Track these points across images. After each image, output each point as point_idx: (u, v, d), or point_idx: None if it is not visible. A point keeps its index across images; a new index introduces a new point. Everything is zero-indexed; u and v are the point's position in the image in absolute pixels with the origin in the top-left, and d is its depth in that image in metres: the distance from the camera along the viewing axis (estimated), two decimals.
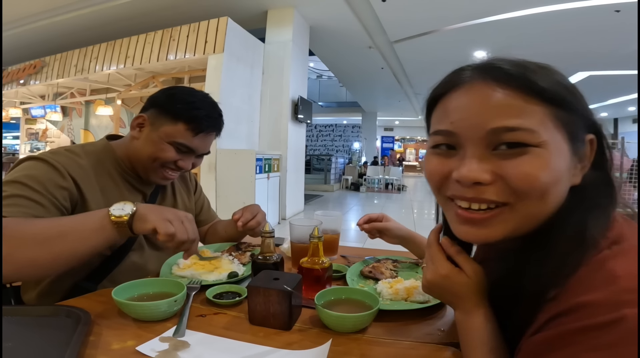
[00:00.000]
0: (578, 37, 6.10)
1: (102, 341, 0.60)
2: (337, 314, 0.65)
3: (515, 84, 0.43)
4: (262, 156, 5.00)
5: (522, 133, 0.42)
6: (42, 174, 0.83)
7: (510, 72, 0.44)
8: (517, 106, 0.43)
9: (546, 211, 0.45)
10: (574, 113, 0.44)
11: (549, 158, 0.42)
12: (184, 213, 0.79)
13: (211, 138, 1.02)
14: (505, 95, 0.43)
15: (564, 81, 0.46)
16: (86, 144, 1.00)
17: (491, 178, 0.44)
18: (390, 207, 8.15)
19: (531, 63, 0.46)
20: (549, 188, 0.43)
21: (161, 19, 5.74)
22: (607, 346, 0.35)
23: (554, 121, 0.43)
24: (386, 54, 7.84)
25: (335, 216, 1.10)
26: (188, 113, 0.95)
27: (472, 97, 0.45)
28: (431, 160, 0.50)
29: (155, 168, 0.98)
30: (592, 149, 0.47)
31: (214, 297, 0.77)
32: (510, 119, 0.42)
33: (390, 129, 23.09)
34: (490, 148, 0.44)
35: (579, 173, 0.47)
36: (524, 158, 0.42)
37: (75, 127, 8.18)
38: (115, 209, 0.73)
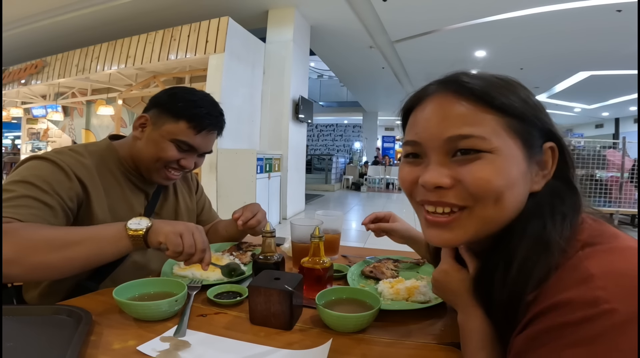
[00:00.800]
0: (579, 37, 6.09)
1: (103, 341, 0.60)
2: (338, 314, 0.65)
3: (470, 96, 0.47)
4: (263, 155, 5.01)
5: (475, 140, 0.46)
6: (49, 174, 0.83)
7: (467, 85, 0.48)
8: (470, 115, 0.47)
9: (504, 216, 0.48)
10: (527, 122, 0.47)
11: (501, 163, 0.46)
12: (194, 225, 0.82)
13: (213, 136, 1.02)
14: (460, 106, 0.47)
15: (522, 94, 0.49)
16: (89, 144, 1.00)
17: (450, 182, 0.47)
18: (391, 207, 8.15)
19: (495, 77, 0.50)
20: (503, 191, 0.46)
21: (162, 18, 5.75)
22: (586, 341, 0.36)
23: (507, 130, 0.46)
24: (387, 53, 7.83)
25: (336, 216, 1.10)
26: (189, 111, 0.95)
27: (433, 108, 0.50)
28: (403, 168, 0.54)
29: (158, 168, 0.98)
30: (554, 157, 0.49)
31: (214, 297, 0.77)
32: (464, 128, 0.46)
33: (391, 129, 23.05)
34: (449, 155, 0.48)
35: (540, 180, 0.50)
36: (477, 163, 0.46)
37: (77, 127, 8.18)
38: (133, 223, 0.77)
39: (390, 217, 1.03)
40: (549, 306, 0.40)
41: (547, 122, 0.49)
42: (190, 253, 0.78)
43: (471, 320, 0.54)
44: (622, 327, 0.35)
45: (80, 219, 0.89)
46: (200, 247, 0.79)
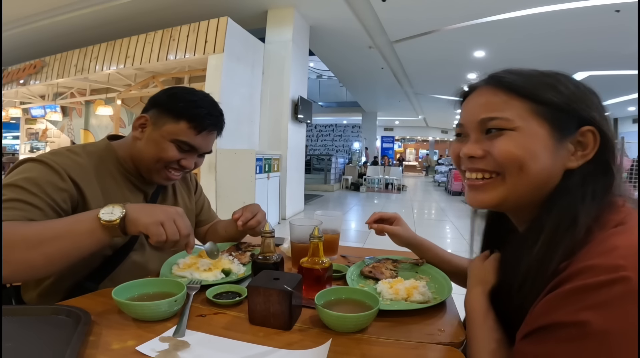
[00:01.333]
0: (578, 37, 6.10)
1: (102, 341, 0.60)
2: (338, 314, 0.65)
3: (502, 87, 0.58)
4: (262, 156, 5.01)
5: (500, 121, 0.57)
6: (40, 176, 0.83)
7: (501, 77, 0.59)
8: (499, 102, 0.58)
9: (531, 182, 0.56)
10: (555, 108, 0.55)
11: (522, 139, 0.55)
12: (174, 210, 0.79)
13: (213, 136, 1.02)
14: (493, 95, 0.59)
15: (555, 82, 0.57)
16: (87, 144, 1.00)
17: (482, 153, 0.59)
18: (391, 207, 8.16)
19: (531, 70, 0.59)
20: (524, 160, 0.55)
21: (161, 18, 5.74)
22: (604, 304, 0.40)
23: (532, 113, 0.56)
24: (386, 54, 7.84)
25: (335, 216, 1.10)
26: (190, 111, 0.95)
27: (474, 98, 0.62)
28: (452, 145, 0.68)
29: (158, 169, 0.98)
30: (595, 140, 0.55)
31: (214, 297, 0.77)
32: (493, 112, 0.58)
33: (391, 129, 23.09)
34: (482, 133, 0.60)
35: (578, 159, 0.56)
36: (501, 138, 0.57)
37: (75, 127, 8.18)
38: (105, 213, 0.73)
39: (395, 220, 1.03)
40: (571, 273, 0.45)
41: (583, 109, 0.55)
42: (174, 240, 0.75)
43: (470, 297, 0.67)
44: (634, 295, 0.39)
45: None
46: (184, 232, 0.77)
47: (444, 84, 10.21)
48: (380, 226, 1.01)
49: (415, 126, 22.26)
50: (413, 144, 27.23)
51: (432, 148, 24.64)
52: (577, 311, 0.41)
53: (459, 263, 0.99)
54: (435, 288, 0.85)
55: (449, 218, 6.72)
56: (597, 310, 0.40)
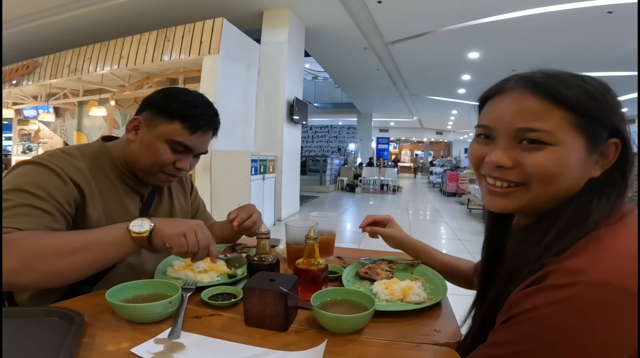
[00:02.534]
0: (571, 38, 6.16)
1: (96, 343, 0.59)
2: (333, 315, 0.65)
3: (543, 93, 0.53)
4: (257, 157, 5.00)
5: (541, 134, 0.53)
6: (44, 180, 0.82)
7: (541, 82, 0.54)
8: (540, 111, 0.53)
9: (556, 193, 0.55)
10: (593, 120, 0.53)
11: (561, 154, 0.53)
12: (195, 222, 0.82)
13: (208, 137, 1.01)
14: (533, 101, 0.54)
15: (595, 91, 0.53)
16: (82, 146, 0.99)
17: (512, 163, 0.56)
18: (386, 208, 8.17)
19: (569, 75, 0.55)
20: (558, 176, 0.53)
21: (156, 19, 5.72)
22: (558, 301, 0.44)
23: (572, 126, 0.52)
24: (381, 55, 7.87)
25: (330, 217, 1.10)
26: (184, 111, 0.94)
27: (509, 101, 0.57)
28: (473, 145, 0.64)
29: (154, 172, 0.97)
30: (617, 151, 0.55)
31: (209, 298, 0.76)
32: (534, 122, 0.53)
33: (386, 131, 23.16)
34: (515, 141, 0.56)
35: (599, 169, 0.55)
36: (540, 153, 0.53)
37: (68, 128, 8.11)
38: (135, 226, 0.77)
39: (388, 222, 1.04)
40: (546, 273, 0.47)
41: (615, 121, 0.54)
42: (194, 251, 0.79)
43: None
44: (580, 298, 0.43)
45: (75, 222, 0.88)
46: (203, 244, 0.80)
47: (439, 85, 10.27)
48: (372, 229, 1.03)
49: (410, 127, 22.35)
50: (408, 146, 27.33)
51: (427, 149, 24.73)
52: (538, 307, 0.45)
53: (454, 263, 1.00)
54: (431, 289, 0.86)
55: (444, 219, 6.75)
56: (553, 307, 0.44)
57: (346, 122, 18.98)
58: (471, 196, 7.08)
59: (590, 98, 0.53)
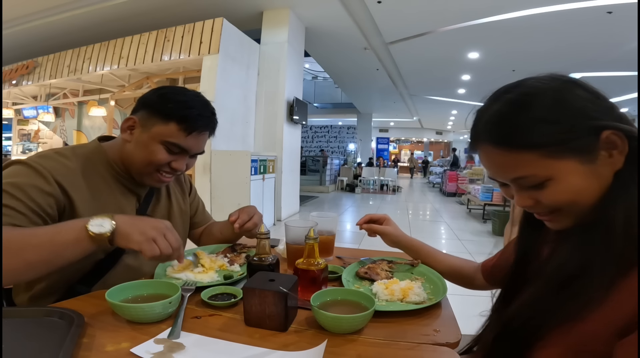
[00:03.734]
0: (571, 38, 6.16)
1: (95, 343, 0.59)
2: (333, 315, 0.65)
3: (501, 145, 0.55)
4: (257, 157, 5.00)
5: (530, 178, 0.55)
6: (25, 180, 0.81)
7: (495, 136, 0.56)
8: (513, 162, 0.55)
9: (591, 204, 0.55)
10: (564, 141, 0.53)
11: (561, 185, 0.54)
12: (163, 225, 0.79)
13: (205, 137, 1.00)
14: (500, 157, 0.56)
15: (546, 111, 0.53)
16: (77, 146, 0.98)
17: (533, 203, 0.58)
18: (385, 208, 8.17)
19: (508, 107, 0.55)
20: (574, 199, 0.54)
21: (156, 19, 5.72)
22: None
23: (549, 157, 0.53)
24: (381, 55, 7.87)
25: (330, 217, 1.10)
26: (180, 112, 0.92)
27: (483, 158, 0.60)
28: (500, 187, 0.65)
29: (149, 172, 0.96)
30: (620, 137, 0.53)
31: (209, 299, 0.76)
32: (515, 172, 0.56)
33: (386, 131, 23.16)
34: (521, 186, 0.57)
35: (618, 158, 0.54)
36: (545, 190, 0.55)
37: (68, 129, 8.11)
38: (94, 225, 0.72)
39: (385, 220, 1.04)
40: None
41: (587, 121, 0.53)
42: (167, 254, 0.76)
43: None
44: None
45: None
46: (176, 246, 0.78)
47: (439, 85, 10.27)
48: (369, 226, 1.04)
49: (410, 127, 22.35)
50: (408, 146, 27.32)
51: (426, 149, 24.73)
52: None
53: (453, 262, 1.00)
54: (431, 289, 0.86)
55: (444, 219, 6.75)
56: None
57: (346, 123, 18.98)
58: (471, 196, 7.08)
59: (544, 124, 0.53)
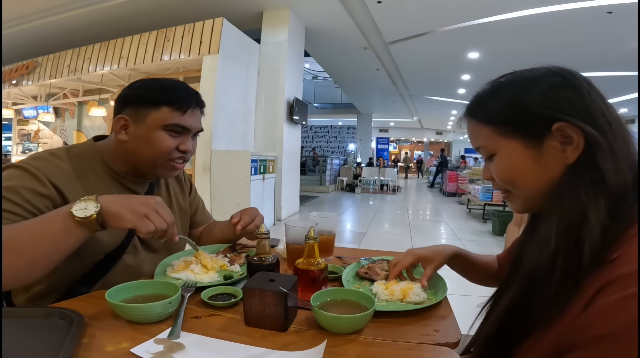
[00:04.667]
0: (571, 38, 6.16)
1: (95, 343, 0.59)
2: (333, 315, 0.65)
3: (470, 117, 0.65)
4: (257, 157, 5.00)
5: (483, 148, 0.63)
6: (20, 183, 0.81)
7: (468, 108, 0.65)
8: (475, 131, 0.64)
9: (535, 193, 0.59)
10: (513, 122, 0.58)
11: (503, 160, 0.60)
12: (154, 200, 0.77)
13: (198, 114, 1.00)
14: (470, 125, 0.65)
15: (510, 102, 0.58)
16: (71, 146, 0.97)
17: (489, 175, 0.65)
18: (386, 208, 8.17)
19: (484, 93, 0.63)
20: (512, 178, 0.60)
21: (156, 19, 5.72)
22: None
23: (500, 135, 0.59)
24: (381, 55, 7.87)
25: (330, 217, 1.10)
26: (167, 96, 0.92)
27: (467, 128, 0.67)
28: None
29: (162, 163, 0.96)
30: (575, 132, 0.53)
31: (209, 299, 0.76)
32: (475, 142, 0.65)
33: (386, 131, 23.16)
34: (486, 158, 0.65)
35: (571, 153, 0.54)
36: (493, 163, 0.62)
37: (68, 129, 8.11)
38: (78, 210, 0.70)
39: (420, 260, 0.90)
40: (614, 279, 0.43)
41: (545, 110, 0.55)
42: (162, 229, 0.75)
43: None
44: None
45: None
46: (170, 221, 0.77)
47: (439, 85, 10.27)
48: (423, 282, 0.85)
49: (410, 127, 22.35)
50: (408, 146, 27.33)
51: (426, 149, 24.73)
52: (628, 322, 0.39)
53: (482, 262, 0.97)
54: (431, 289, 0.86)
55: (444, 219, 6.75)
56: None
57: (346, 123, 18.99)
58: (471, 196, 7.08)
59: (504, 105, 0.59)
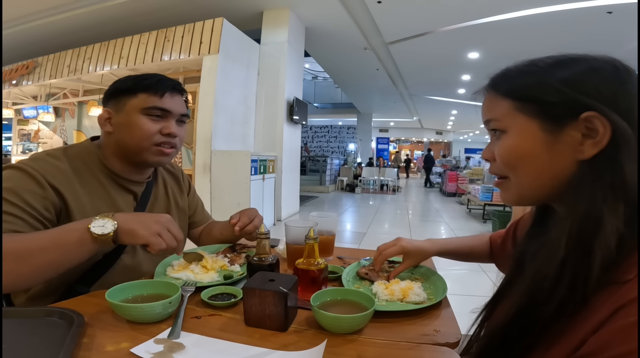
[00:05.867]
0: (570, 38, 6.16)
1: (95, 343, 0.59)
2: (333, 315, 0.65)
3: (490, 89, 0.59)
4: (257, 157, 4.99)
5: (494, 122, 0.57)
6: (19, 185, 0.81)
7: (490, 80, 0.59)
8: (491, 103, 0.58)
9: (536, 182, 0.54)
10: (538, 102, 0.52)
11: (513, 140, 0.55)
12: (165, 218, 0.81)
13: (180, 99, 1.01)
14: (486, 98, 0.60)
15: (546, 76, 0.53)
16: (69, 147, 0.98)
17: (491, 156, 0.60)
18: (386, 208, 8.17)
19: (516, 67, 0.57)
20: (516, 161, 0.55)
21: (156, 19, 5.72)
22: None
23: (517, 110, 0.54)
24: (381, 55, 7.86)
25: (330, 217, 1.10)
26: (142, 83, 0.95)
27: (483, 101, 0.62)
28: None
29: (147, 147, 0.96)
30: (604, 125, 0.47)
31: (209, 299, 0.76)
32: (487, 114, 0.59)
33: (386, 131, 23.16)
34: (492, 136, 0.59)
35: (589, 149, 0.49)
36: (500, 141, 0.57)
37: (68, 128, 8.10)
38: (96, 227, 0.74)
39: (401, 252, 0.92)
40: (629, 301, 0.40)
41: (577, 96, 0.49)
42: (173, 246, 0.80)
43: None
44: None
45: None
46: (180, 238, 0.82)
47: (439, 85, 10.27)
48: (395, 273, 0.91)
49: (410, 127, 22.35)
50: (408, 146, 27.34)
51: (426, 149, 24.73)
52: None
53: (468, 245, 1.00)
54: (431, 289, 0.86)
55: (444, 219, 6.75)
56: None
57: (346, 123, 18.98)
58: (471, 196, 7.08)
59: (531, 81, 0.54)
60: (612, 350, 0.39)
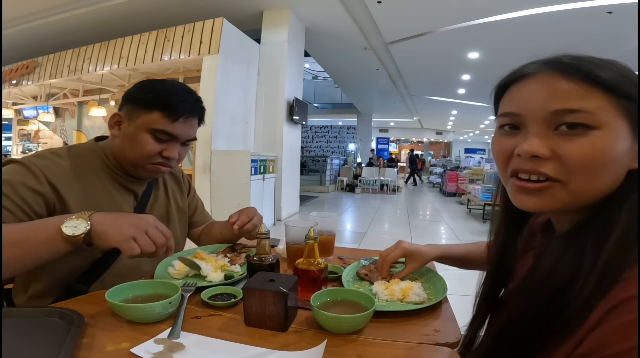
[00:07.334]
0: (570, 38, 6.16)
1: (95, 343, 0.59)
2: (333, 315, 0.65)
3: (578, 74, 0.47)
4: (257, 157, 4.99)
5: (583, 114, 0.46)
6: (16, 178, 0.82)
7: (573, 64, 0.48)
8: (579, 92, 0.46)
9: (598, 191, 0.48)
10: (633, 101, 0.46)
11: (606, 140, 0.45)
12: (145, 222, 0.77)
13: (193, 123, 0.99)
14: (568, 83, 0.47)
15: (630, 75, 0.48)
16: (73, 146, 0.99)
17: (549, 153, 0.48)
18: (386, 208, 8.17)
19: (596, 58, 0.49)
20: (602, 168, 0.46)
21: (156, 19, 5.72)
22: None
23: (615, 108, 0.46)
24: (381, 55, 7.86)
25: (330, 217, 1.10)
26: (161, 100, 0.92)
27: (537, 85, 0.50)
28: (497, 139, 0.55)
29: (142, 164, 0.96)
30: None
31: (209, 299, 0.76)
32: (572, 101, 0.46)
33: (386, 131, 23.15)
34: (551, 127, 0.48)
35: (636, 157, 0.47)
36: (583, 139, 0.46)
37: (68, 129, 8.11)
38: (68, 227, 0.72)
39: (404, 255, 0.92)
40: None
41: None
42: (149, 252, 0.75)
43: None
44: None
45: None
46: (160, 242, 0.77)
47: (439, 85, 10.27)
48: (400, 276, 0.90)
49: (410, 127, 22.35)
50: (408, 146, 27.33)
51: (426, 149, 24.74)
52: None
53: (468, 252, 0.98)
54: (431, 289, 0.86)
55: (444, 219, 6.75)
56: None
57: (346, 123, 18.96)
58: (471, 196, 7.08)
59: (622, 77, 0.47)
60: (607, 350, 0.39)
